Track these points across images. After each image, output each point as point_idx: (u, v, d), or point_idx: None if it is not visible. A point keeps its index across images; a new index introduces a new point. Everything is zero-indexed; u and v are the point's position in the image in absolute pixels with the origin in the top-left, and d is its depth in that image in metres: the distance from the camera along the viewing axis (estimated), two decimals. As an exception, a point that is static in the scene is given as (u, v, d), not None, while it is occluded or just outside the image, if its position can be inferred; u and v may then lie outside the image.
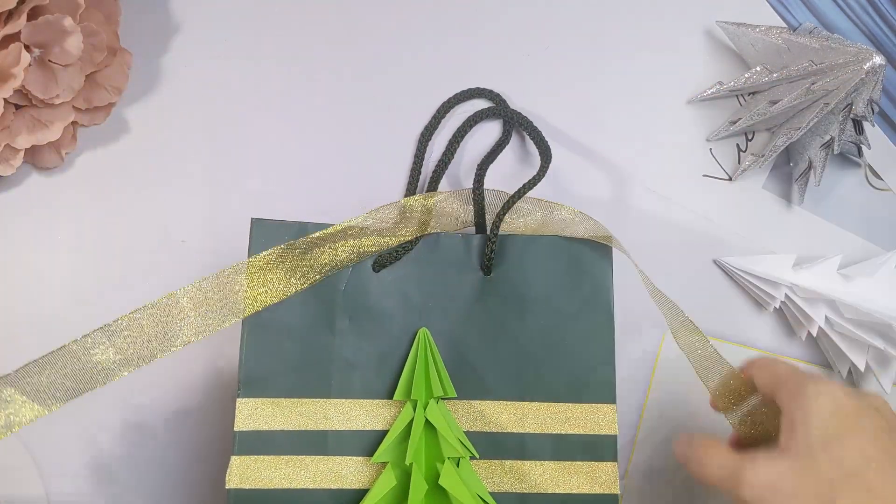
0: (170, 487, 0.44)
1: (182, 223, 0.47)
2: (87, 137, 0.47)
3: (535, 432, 0.41)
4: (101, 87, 0.46)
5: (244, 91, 0.49)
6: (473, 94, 0.50)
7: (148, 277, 0.46)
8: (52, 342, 0.44)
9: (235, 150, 0.48)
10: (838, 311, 0.48)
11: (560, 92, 0.51)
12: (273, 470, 0.39)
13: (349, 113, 0.49)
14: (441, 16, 0.51)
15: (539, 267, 0.42)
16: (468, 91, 0.50)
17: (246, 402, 0.39)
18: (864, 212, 0.53)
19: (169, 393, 0.45)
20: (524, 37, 0.52)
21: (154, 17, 0.49)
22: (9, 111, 0.43)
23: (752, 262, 0.49)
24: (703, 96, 0.52)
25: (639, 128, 0.52)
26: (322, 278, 0.40)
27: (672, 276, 0.50)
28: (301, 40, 0.50)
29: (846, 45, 0.47)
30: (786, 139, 0.49)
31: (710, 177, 0.52)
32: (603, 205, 0.50)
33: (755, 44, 0.51)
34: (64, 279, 0.45)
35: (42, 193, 0.46)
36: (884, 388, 0.49)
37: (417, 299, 0.42)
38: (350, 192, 0.48)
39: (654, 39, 0.53)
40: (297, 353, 0.40)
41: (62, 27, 0.42)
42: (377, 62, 0.50)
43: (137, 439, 0.44)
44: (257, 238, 0.41)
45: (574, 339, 0.42)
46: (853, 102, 0.47)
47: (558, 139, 0.50)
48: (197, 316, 0.39)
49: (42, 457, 0.44)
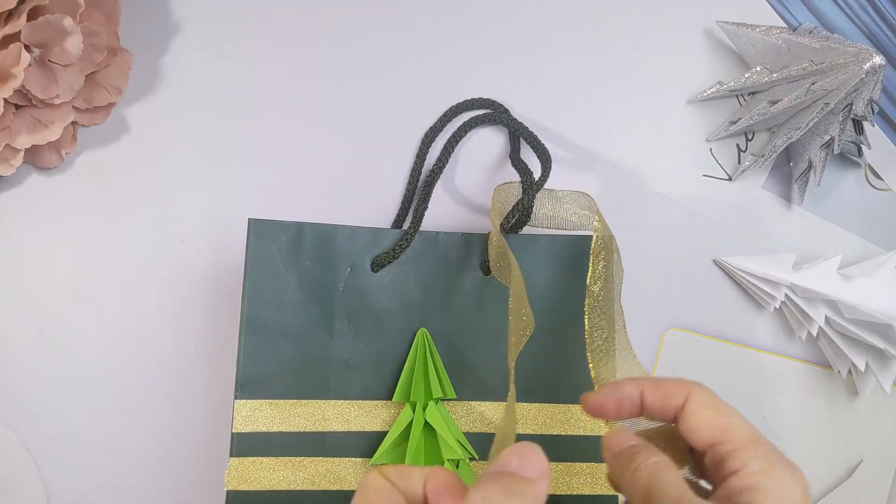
0: (169, 488, 0.44)
1: (182, 223, 0.47)
2: (87, 137, 0.47)
3: (534, 433, 0.41)
4: (101, 87, 0.46)
5: (244, 91, 0.49)
6: (483, 104, 0.49)
7: (148, 277, 0.46)
8: (52, 342, 0.45)
9: (235, 150, 0.48)
10: (838, 311, 0.48)
11: (560, 92, 0.51)
12: (271, 471, 0.39)
13: (349, 113, 0.49)
14: (441, 16, 0.51)
15: (539, 267, 0.42)
16: (476, 101, 0.50)
17: (244, 404, 0.39)
18: (864, 212, 0.53)
19: (168, 394, 0.45)
20: (524, 37, 0.52)
21: (154, 17, 0.49)
22: (9, 111, 0.43)
23: (752, 262, 0.49)
24: (703, 96, 0.52)
25: (639, 128, 0.51)
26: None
27: (672, 276, 0.50)
28: (301, 40, 0.50)
29: (846, 45, 0.47)
30: (786, 139, 0.49)
31: (710, 177, 0.52)
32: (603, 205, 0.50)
33: (755, 44, 0.51)
34: (64, 279, 0.45)
35: (42, 193, 0.46)
36: (884, 388, 0.49)
37: (416, 299, 0.42)
38: (350, 192, 0.48)
39: (654, 39, 0.53)
40: (295, 355, 0.40)
41: (62, 27, 0.42)
42: (377, 62, 0.50)
43: (137, 440, 0.44)
44: (254, 238, 0.41)
45: (574, 339, 0.42)
46: (853, 102, 0.47)
47: (558, 139, 0.50)
48: None
49: (42, 457, 0.44)
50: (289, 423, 0.39)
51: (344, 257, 0.42)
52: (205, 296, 0.46)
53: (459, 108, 0.49)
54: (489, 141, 0.50)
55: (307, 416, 0.39)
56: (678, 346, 0.49)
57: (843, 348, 0.48)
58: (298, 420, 0.39)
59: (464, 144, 0.49)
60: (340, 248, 0.42)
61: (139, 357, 0.45)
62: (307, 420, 0.39)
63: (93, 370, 0.45)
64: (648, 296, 0.49)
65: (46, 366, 0.44)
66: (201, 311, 0.46)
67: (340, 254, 0.42)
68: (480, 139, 0.50)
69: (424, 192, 0.46)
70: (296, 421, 0.39)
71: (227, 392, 0.43)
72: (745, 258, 0.50)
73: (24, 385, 0.44)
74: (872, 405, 0.51)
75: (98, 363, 0.45)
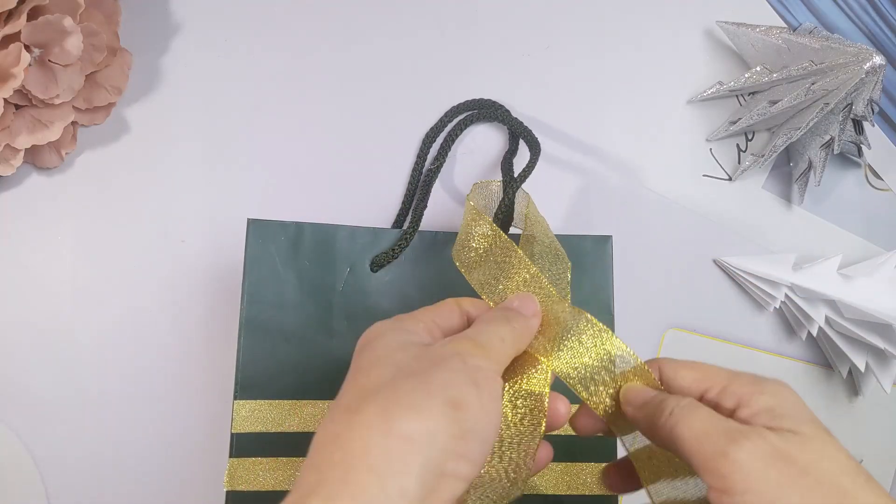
0: (169, 489, 0.44)
1: (182, 223, 0.47)
2: (87, 137, 0.47)
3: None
4: (101, 87, 0.46)
5: (244, 91, 0.49)
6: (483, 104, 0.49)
7: (148, 277, 0.46)
8: (52, 342, 0.45)
9: (235, 150, 0.48)
10: (838, 311, 0.48)
11: (560, 92, 0.51)
12: (270, 472, 0.39)
13: (349, 113, 0.49)
14: (441, 16, 0.51)
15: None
16: (476, 101, 0.49)
17: (243, 405, 0.39)
18: (864, 212, 0.53)
19: (168, 394, 0.45)
20: (524, 37, 0.52)
21: (154, 17, 0.49)
22: (9, 111, 0.43)
23: (752, 262, 0.49)
24: (703, 96, 0.52)
25: (639, 128, 0.51)
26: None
27: (672, 276, 0.50)
28: (301, 40, 0.50)
29: (846, 45, 0.47)
30: (786, 139, 0.49)
31: (710, 177, 0.52)
32: (603, 205, 0.50)
33: (755, 44, 0.51)
34: (64, 279, 0.45)
35: (42, 193, 0.46)
36: (884, 388, 0.49)
37: (416, 299, 0.42)
38: (349, 192, 0.48)
39: (654, 39, 0.53)
40: (294, 355, 0.40)
41: (62, 27, 0.42)
42: (377, 62, 0.50)
43: (136, 440, 0.44)
44: (253, 238, 0.41)
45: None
46: (853, 102, 0.47)
47: (558, 139, 0.50)
48: None
49: (42, 457, 0.44)
50: (288, 424, 0.39)
51: (343, 257, 0.42)
52: (205, 296, 0.46)
53: (460, 109, 0.49)
54: (489, 141, 0.50)
55: (307, 416, 0.39)
56: (678, 346, 0.49)
57: (843, 348, 0.48)
58: (298, 420, 0.39)
59: (465, 145, 0.49)
60: (340, 248, 0.42)
61: (139, 357, 0.45)
62: (307, 420, 0.39)
63: (93, 370, 0.45)
64: (648, 296, 0.49)
65: (46, 365, 0.44)
66: (201, 311, 0.46)
67: (340, 254, 0.42)
68: (480, 140, 0.50)
69: (423, 192, 0.46)
70: (295, 421, 0.39)
71: (227, 392, 0.43)
72: (745, 258, 0.50)
73: (24, 384, 0.44)
74: (872, 405, 0.51)
75: (98, 363, 0.45)
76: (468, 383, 0.27)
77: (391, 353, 0.29)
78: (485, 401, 0.27)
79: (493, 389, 0.28)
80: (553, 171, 0.50)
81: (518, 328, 0.32)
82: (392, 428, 0.25)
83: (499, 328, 0.31)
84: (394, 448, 0.25)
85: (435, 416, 0.26)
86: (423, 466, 0.25)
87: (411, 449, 0.25)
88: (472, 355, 0.29)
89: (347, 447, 0.25)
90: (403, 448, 0.25)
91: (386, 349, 0.30)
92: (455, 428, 0.26)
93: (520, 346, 0.32)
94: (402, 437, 0.25)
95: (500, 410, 0.28)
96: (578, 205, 0.50)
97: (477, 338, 0.30)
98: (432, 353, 0.29)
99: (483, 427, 0.27)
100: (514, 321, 0.32)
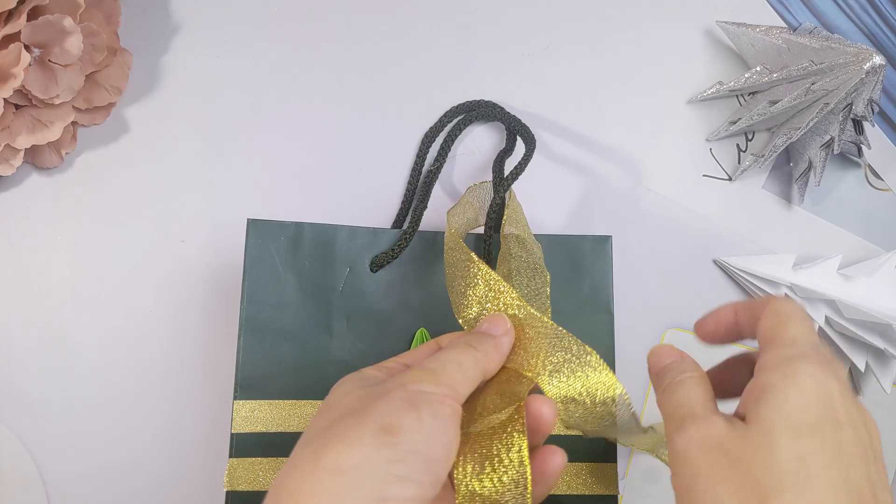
0: (169, 489, 0.44)
1: (182, 223, 0.47)
2: (87, 137, 0.47)
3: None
4: (101, 87, 0.46)
5: (244, 91, 0.49)
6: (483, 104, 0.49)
7: (148, 277, 0.46)
8: (52, 342, 0.45)
9: (235, 150, 0.48)
10: (838, 311, 0.48)
11: (560, 92, 0.51)
12: (270, 472, 0.39)
13: (349, 113, 0.49)
14: (441, 16, 0.51)
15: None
16: (476, 102, 0.49)
17: (243, 405, 0.39)
18: (864, 212, 0.53)
19: (167, 394, 0.45)
20: (524, 37, 0.52)
21: (154, 17, 0.49)
22: (9, 111, 0.43)
23: (752, 262, 0.49)
24: (703, 96, 0.52)
25: (639, 128, 0.51)
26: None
27: (672, 276, 0.50)
28: (301, 40, 0.50)
29: (846, 45, 0.47)
30: (786, 139, 0.49)
31: (710, 177, 0.52)
32: (603, 205, 0.50)
33: (755, 44, 0.51)
34: (64, 279, 0.45)
35: (42, 193, 0.46)
36: (884, 388, 0.49)
37: (415, 300, 0.42)
38: (349, 192, 0.48)
39: (654, 39, 0.53)
40: (294, 355, 0.40)
41: (62, 27, 0.42)
42: (377, 62, 0.50)
43: (136, 440, 0.44)
44: (253, 238, 0.41)
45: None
46: (853, 102, 0.47)
47: (558, 139, 0.50)
48: None
49: (42, 457, 0.44)
50: (288, 424, 0.39)
51: (343, 257, 0.42)
52: (204, 296, 0.46)
53: (459, 109, 0.49)
54: (489, 142, 0.50)
55: (306, 416, 0.39)
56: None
57: (843, 348, 0.48)
58: (298, 420, 0.39)
59: (465, 146, 0.49)
60: (339, 248, 0.42)
61: (138, 357, 0.45)
62: (306, 420, 0.39)
63: (92, 370, 0.45)
64: (648, 296, 0.49)
65: (46, 366, 0.44)
66: (201, 311, 0.46)
67: (339, 254, 0.42)
68: (480, 140, 0.50)
69: (423, 193, 0.46)
70: (295, 421, 0.39)
71: (227, 392, 0.43)
72: (745, 258, 0.50)
73: (24, 385, 0.44)
74: (872, 405, 0.51)
75: (98, 363, 0.45)
76: (404, 407, 0.28)
77: (340, 398, 0.30)
78: (425, 421, 0.27)
79: (435, 410, 0.28)
80: (553, 172, 0.50)
81: (483, 350, 0.32)
82: (319, 464, 0.26)
83: (457, 354, 0.31)
84: (323, 483, 0.25)
85: (365, 445, 0.26)
86: (358, 496, 0.25)
87: (342, 480, 0.25)
88: (416, 382, 0.29)
89: (283, 492, 0.26)
90: (333, 482, 0.25)
91: (336, 396, 0.31)
92: (388, 452, 0.26)
93: (487, 367, 0.32)
94: (330, 470, 0.26)
95: (448, 429, 0.28)
96: (578, 205, 0.49)
97: (429, 365, 0.31)
98: (377, 390, 0.29)
99: (424, 447, 0.27)
100: (479, 345, 0.32)
